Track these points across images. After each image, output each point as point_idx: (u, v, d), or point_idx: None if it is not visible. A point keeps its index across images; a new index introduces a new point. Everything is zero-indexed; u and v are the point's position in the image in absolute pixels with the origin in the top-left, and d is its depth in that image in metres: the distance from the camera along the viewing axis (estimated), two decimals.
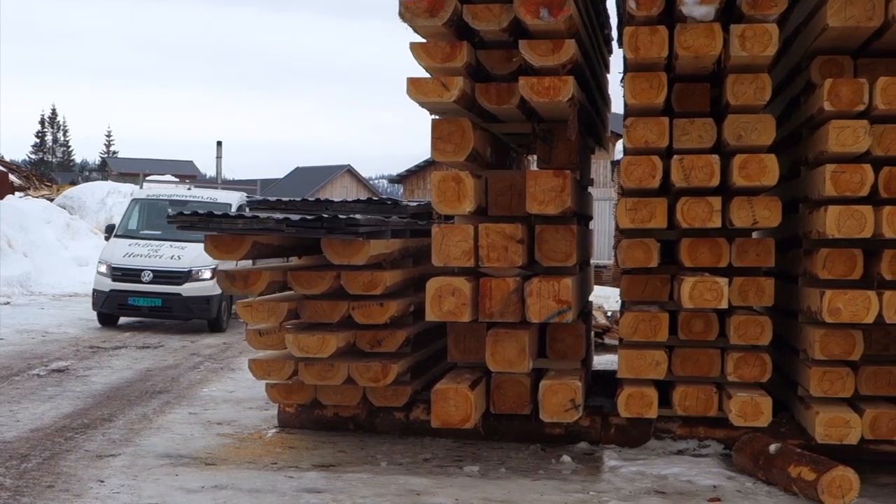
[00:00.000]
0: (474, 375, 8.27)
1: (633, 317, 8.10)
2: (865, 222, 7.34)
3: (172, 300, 17.10)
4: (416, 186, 46.50)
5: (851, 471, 6.82)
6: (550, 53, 7.59)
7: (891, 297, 7.33)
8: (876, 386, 7.91)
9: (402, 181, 49.50)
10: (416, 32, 7.90)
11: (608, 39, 11.50)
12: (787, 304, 8.70)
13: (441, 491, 7.07)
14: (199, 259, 16.25)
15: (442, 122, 7.86)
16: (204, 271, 16.92)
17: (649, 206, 7.92)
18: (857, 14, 7.44)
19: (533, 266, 8.23)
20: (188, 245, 16.88)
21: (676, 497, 7.01)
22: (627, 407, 8.12)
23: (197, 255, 15.98)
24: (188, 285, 17.07)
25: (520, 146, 10.22)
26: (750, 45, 7.48)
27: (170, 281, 17.06)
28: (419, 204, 10.15)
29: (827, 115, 7.48)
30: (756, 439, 7.73)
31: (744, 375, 8.07)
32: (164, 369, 12.75)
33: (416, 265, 9.44)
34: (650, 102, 7.81)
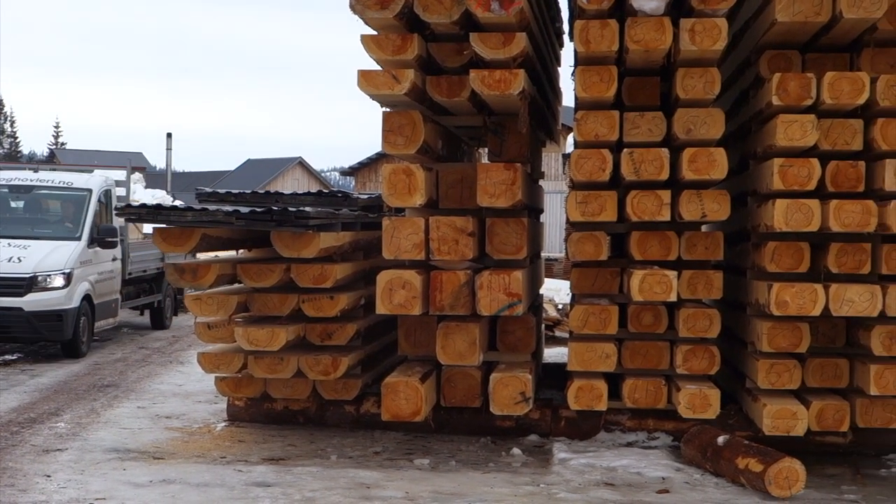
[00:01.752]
0: (425, 368, 8.27)
1: (583, 310, 8.12)
2: (812, 216, 7.40)
3: (10, 317, 12.48)
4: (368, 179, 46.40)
5: (798, 462, 6.88)
6: (501, 46, 7.59)
7: (837, 289, 7.40)
8: (822, 378, 7.99)
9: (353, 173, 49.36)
10: (368, 24, 7.87)
11: (559, 33, 11.52)
12: (736, 296, 8.77)
13: (391, 484, 7.05)
14: (47, 261, 12.78)
15: (393, 114, 7.84)
16: (54, 277, 12.75)
17: (599, 199, 7.95)
18: (805, 9, 7.50)
19: (484, 259, 8.23)
20: (33, 244, 13.05)
21: (625, 489, 7.03)
22: (577, 399, 8.15)
23: (44, 257, 12.78)
24: (32, 297, 12.52)
25: (471, 139, 10.21)
26: (699, 40, 7.52)
27: (6, 291, 12.47)
28: (370, 196, 10.12)
29: (775, 109, 7.54)
30: (704, 431, 7.78)
31: (693, 368, 8.13)
32: (113, 363, 12.65)
33: (366, 258, 9.41)
34: (600, 96, 7.83)
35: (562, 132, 12.66)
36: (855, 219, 7.37)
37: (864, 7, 7.31)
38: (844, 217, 7.36)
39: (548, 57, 10.37)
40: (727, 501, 6.79)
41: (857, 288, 7.41)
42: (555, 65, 11.47)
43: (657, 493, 6.97)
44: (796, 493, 6.85)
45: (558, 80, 11.92)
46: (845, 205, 7.37)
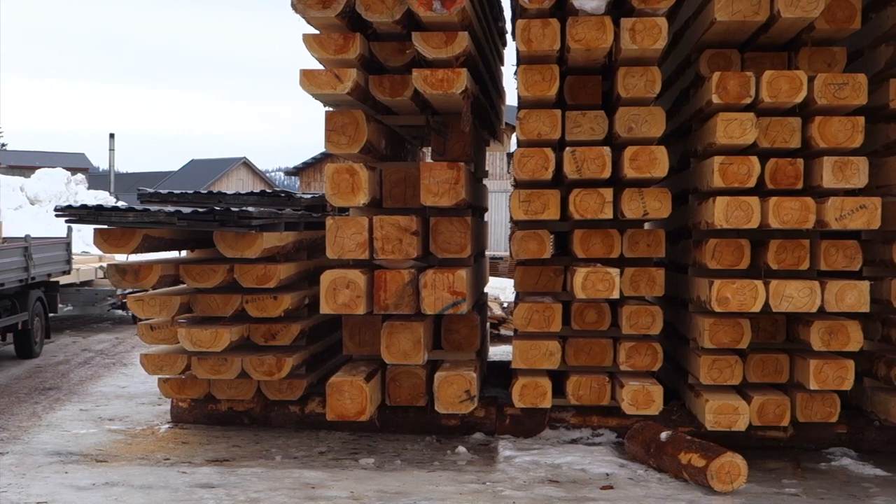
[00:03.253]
0: (370, 368, 8.27)
1: (527, 308, 8.16)
2: (752, 213, 7.48)
3: None
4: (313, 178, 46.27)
5: (739, 457, 6.95)
6: (444, 45, 7.60)
7: (777, 286, 7.49)
8: (763, 373, 8.08)
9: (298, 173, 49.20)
10: (310, 24, 7.85)
11: (502, 32, 11.56)
12: (678, 293, 8.84)
13: (336, 484, 7.04)
14: None
15: (336, 113, 7.83)
16: None
17: (542, 197, 7.98)
18: (744, 9, 7.58)
19: (428, 258, 8.24)
20: None
21: (570, 485, 7.07)
22: (522, 397, 8.18)
23: None
24: None
25: (414, 138, 10.22)
26: (640, 39, 7.57)
27: None
28: (313, 196, 10.09)
29: (715, 107, 7.61)
30: (648, 427, 7.84)
31: (635, 364, 8.19)
32: (55, 365, 12.52)
33: (310, 258, 9.39)
34: (543, 95, 7.86)
35: (505, 131, 12.70)
36: (794, 216, 7.46)
37: (802, 7, 7.40)
38: (783, 214, 7.45)
39: (491, 56, 10.39)
40: (670, 496, 6.84)
41: (796, 284, 7.50)
42: (498, 64, 11.50)
43: (601, 489, 7.01)
44: (738, 488, 6.92)
45: (501, 80, 11.96)
46: (784, 202, 7.46)
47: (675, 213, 8.20)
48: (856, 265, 7.76)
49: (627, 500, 6.74)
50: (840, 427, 8.26)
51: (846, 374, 7.67)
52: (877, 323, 8.04)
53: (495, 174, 35.73)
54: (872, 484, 7.30)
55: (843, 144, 7.49)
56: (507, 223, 8.56)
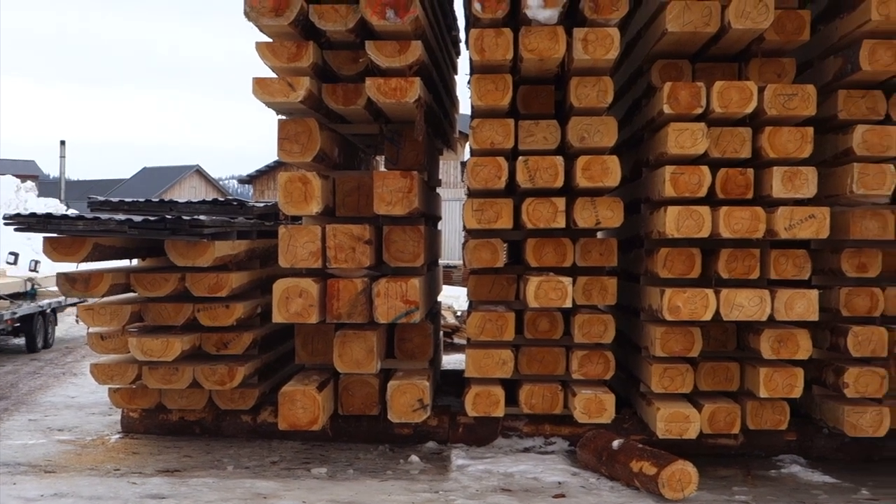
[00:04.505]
0: (322, 377, 8.24)
1: (480, 316, 8.17)
2: (703, 222, 7.54)
3: None
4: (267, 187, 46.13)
5: (690, 464, 6.99)
6: (397, 54, 7.61)
7: (727, 294, 7.55)
8: (714, 381, 8.14)
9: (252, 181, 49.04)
10: (263, 32, 7.83)
11: (455, 41, 11.59)
12: (630, 302, 8.89)
13: (288, 494, 7.01)
14: None
15: (288, 122, 7.81)
16: None
17: (495, 206, 8.00)
18: (695, 20, 7.64)
19: (381, 267, 8.24)
20: None
21: (522, 494, 7.08)
22: (475, 406, 8.19)
23: None
24: None
25: (368, 147, 10.21)
26: (592, 49, 7.61)
27: None
28: (266, 205, 10.06)
29: (666, 117, 7.66)
30: (600, 436, 7.87)
31: (588, 373, 8.22)
32: (3, 375, 12.38)
33: (263, 267, 9.36)
34: (496, 104, 7.88)
35: (459, 140, 12.73)
36: (744, 225, 7.52)
37: (752, 18, 7.47)
38: (734, 223, 7.52)
39: (444, 65, 10.41)
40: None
41: (746, 293, 7.57)
42: (451, 73, 11.52)
43: (553, 497, 7.02)
44: (689, 495, 6.96)
45: (455, 89, 11.98)
46: (735, 211, 7.52)
47: (627, 223, 8.25)
48: (805, 274, 7.84)
49: None
50: (790, 434, 8.34)
51: (795, 381, 7.74)
52: (825, 331, 8.12)
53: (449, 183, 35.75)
54: (821, 491, 7.37)
55: (793, 154, 7.56)
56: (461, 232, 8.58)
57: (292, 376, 8.41)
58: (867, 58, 7.52)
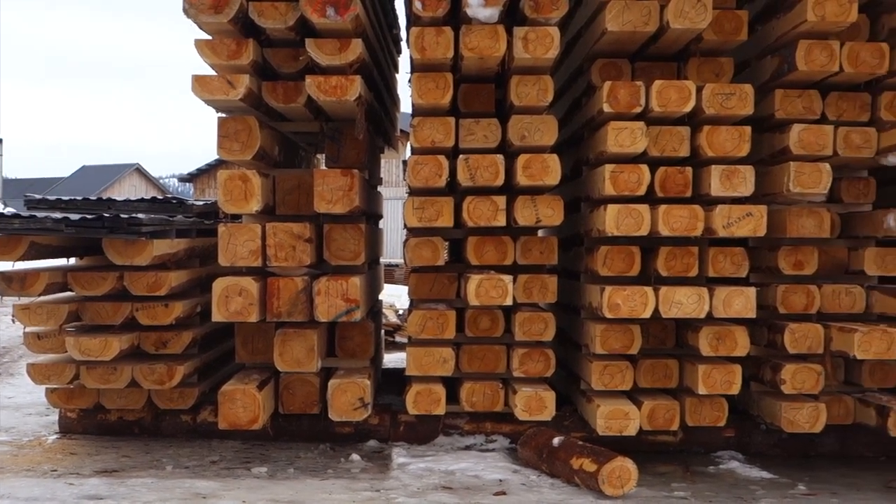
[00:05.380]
0: (262, 376, 8.20)
1: (421, 315, 8.17)
2: (643, 220, 7.59)
3: None
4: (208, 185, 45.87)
5: (630, 461, 7.04)
6: (337, 52, 7.59)
7: (666, 292, 7.61)
8: (653, 378, 8.20)
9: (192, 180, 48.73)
10: (202, 29, 7.77)
11: (397, 39, 11.58)
12: (571, 300, 8.93)
13: (228, 493, 6.97)
14: None
15: (228, 120, 7.77)
16: None
17: (436, 205, 8.00)
18: (634, 19, 7.69)
19: (322, 265, 8.22)
20: None
21: (463, 492, 7.09)
22: (416, 404, 8.19)
23: None
24: None
25: (309, 145, 10.18)
26: (532, 48, 7.64)
27: None
28: (206, 203, 9.99)
29: (606, 116, 7.71)
30: (540, 433, 7.90)
31: (529, 371, 8.25)
32: None
33: (203, 265, 9.29)
34: (436, 102, 7.89)
35: (400, 138, 12.72)
36: (683, 223, 7.58)
37: (690, 18, 7.53)
38: (673, 221, 7.57)
39: (385, 63, 10.40)
40: (562, 501, 6.90)
41: (685, 290, 7.63)
42: (393, 71, 11.51)
43: (494, 495, 7.04)
44: (628, 492, 7.01)
45: (396, 87, 11.97)
46: (674, 209, 7.58)
47: (567, 221, 8.29)
48: (743, 272, 7.93)
49: None
50: (728, 431, 8.43)
51: (734, 378, 7.82)
52: (763, 328, 8.22)
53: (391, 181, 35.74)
54: (759, 486, 7.45)
55: (731, 153, 7.64)
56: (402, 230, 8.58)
57: (232, 375, 8.36)
58: (803, 58, 7.61)
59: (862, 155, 7.83)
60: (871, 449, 8.46)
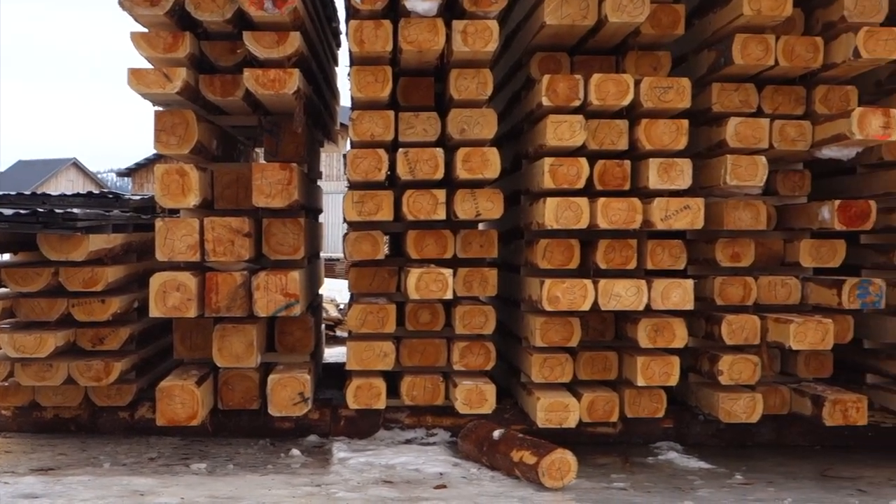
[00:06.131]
0: (201, 371, 8.14)
1: (361, 309, 8.15)
2: (581, 213, 7.62)
3: None
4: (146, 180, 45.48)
5: (570, 453, 7.07)
6: (275, 45, 7.55)
7: (605, 285, 7.64)
8: (593, 371, 8.24)
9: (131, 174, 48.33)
10: (138, 22, 7.71)
11: (336, 32, 11.53)
12: (511, 293, 8.96)
13: (166, 490, 6.91)
14: None
15: (165, 113, 7.70)
16: None
17: (376, 198, 7.98)
18: (573, 13, 7.71)
19: (261, 260, 8.16)
20: None
21: (404, 486, 7.09)
22: (356, 398, 8.17)
23: None
24: None
25: (247, 139, 10.11)
26: (472, 41, 7.64)
27: None
28: (143, 198, 9.89)
29: (545, 109, 7.73)
30: (481, 426, 7.91)
31: (469, 364, 8.26)
32: None
33: (140, 260, 9.19)
34: (375, 96, 7.87)
35: (340, 132, 12.68)
36: (621, 216, 7.62)
37: (628, 11, 7.57)
38: (611, 214, 7.61)
39: (324, 56, 10.35)
40: (503, 494, 6.92)
41: (623, 283, 7.67)
42: (332, 64, 11.47)
43: (435, 488, 7.04)
44: (568, 483, 7.04)
45: (335, 80, 11.92)
46: (612, 203, 7.62)
47: (507, 214, 8.30)
48: (681, 264, 7.99)
49: (460, 498, 6.79)
50: (667, 422, 8.49)
51: (672, 370, 7.88)
52: (701, 320, 8.28)
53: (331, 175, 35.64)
54: (697, 477, 7.51)
55: (668, 146, 7.69)
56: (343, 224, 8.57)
57: (171, 371, 8.29)
58: (739, 52, 7.68)
59: (797, 148, 7.91)
60: (807, 438, 8.57)
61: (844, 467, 7.87)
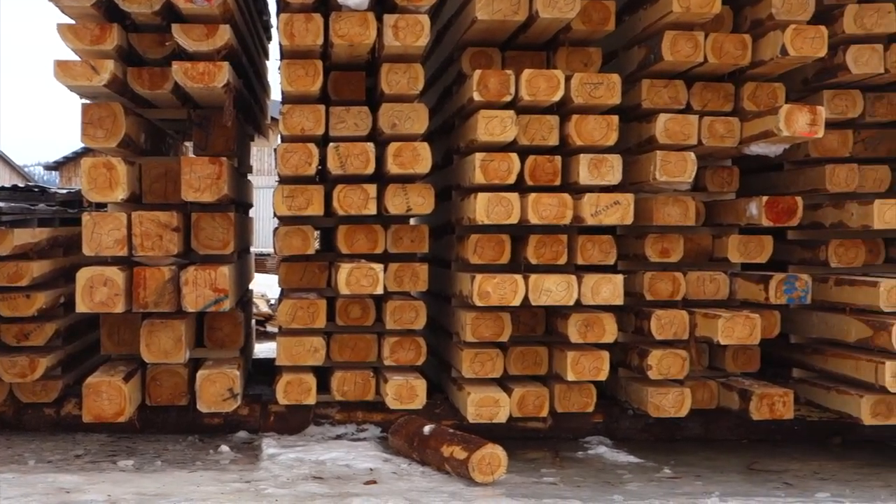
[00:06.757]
0: (129, 367, 8.05)
1: (292, 304, 8.11)
2: (512, 209, 7.63)
3: None
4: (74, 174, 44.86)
5: (500, 448, 7.08)
6: (205, 38, 7.48)
7: (536, 280, 7.66)
8: (523, 366, 8.27)
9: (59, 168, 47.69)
10: (64, 13, 7.60)
11: (267, 26, 11.47)
12: (442, 288, 8.95)
13: (92, 488, 6.82)
14: None
15: (92, 106, 7.60)
16: None
17: (306, 193, 7.94)
18: (504, 8, 7.72)
19: (190, 255, 8.09)
20: None
21: (334, 482, 7.06)
22: (286, 394, 8.12)
23: None
24: None
25: (176, 132, 10.01)
26: (403, 36, 7.62)
27: None
28: (70, 192, 9.77)
29: (476, 105, 7.73)
30: (411, 421, 7.90)
31: (400, 359, 8.24)
32: None
33: (66, 255, 9.06)
34: (306, 90, 7.82)
35: (271, 126, 12.58)
36: (552, 211, 7.65)
37: (559, 7, 7.59)
38: (542, 210, 7.63)
39: (255, 50, 10.28)
40: (433, 489, 6.91)
41: (554, 278, 7.70)
42: (262, 58, 11.39)
43: (365, 484, 7.02)
44: (498, 478, 7.05)
45: (266, 74, 11.85)
46: (543, 198, 7.64)
47: (439, 209, 8.30)
48: (611, 259, 8.04)
49: (391, 494, 6.77)
50: (596, 416, 8.54)
51: (602, 364, 7.92)
52: (630, 315, 8.34)
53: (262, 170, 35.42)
54: (626, 471, 7.57)
55: (599, 142, 7.72)
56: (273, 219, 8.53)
57: (98, 367, 8.19)
58: (669, 48, 7.74)
59: (725, 144, 7.98)
60: (734, 432, 8.66)
61: (771, 460, 7.97)
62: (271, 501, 6.60)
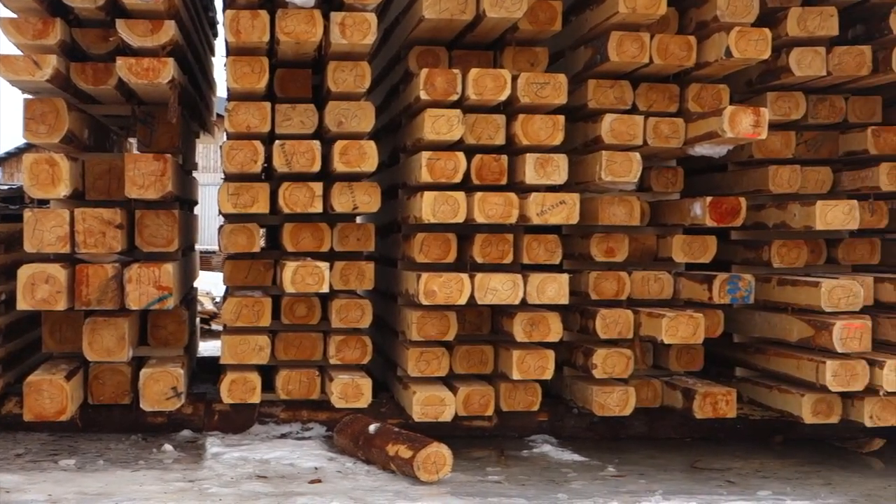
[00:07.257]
0: (71, 365, 7.97)
1: (236, 302, 8.06)
2: (459, 208, 7.63)
3: None
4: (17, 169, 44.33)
5: (445, 447, 7.08)
6: (149, 34, 7.42)
7: (482, 279, 7.67)
8: (469, 364, 8.28)
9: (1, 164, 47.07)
10: (6, 6, 7.53)
11: (213, 22, 11.41)
12: (388, 287, 8.94)
13: (33, 487, 6.74)
14: None
15: (34, 101, 7.51)
16: None
17: (252, 191, 7.90)
18: (451, 7, 7.72)
19: (133, 252, 8.02)
20: None
21: (278, 481, 7.03)
22: (230, 393, 8.08)
23: None
24: None
25: (121, 129, 9.92)
26: (349, 34, 7.60)
27: None
28: (11, 188, 9.66)
29: (423, 103, 7.72)
30: (357, 420, 7.89)
31: (345, 358, 8.22)
32: None
33: (7, 252, 8.94)
34: (252, 87, 7.78)
35: (216, 123, 12.52)
36: (498, 210, 7.66)
37: (506, 7, 7.61)
38: (488, 209, 7.64)
39: (201, 46, 10.22)
40: (378, 488, 6.90)
41: (500, 277, 7.71)
42: (208, 54, 11.34)
43: (309, 483, 7.00)
44: (444, 477, 7.05)
45: (212, 71, 11.78)
46: (489, 197, 7.65)
47: (385, 208, 8.29)
48: (556, 258, 8.06)
49: (335, 493, 6.75)
50: (542, 415, 8.56)
51: (547, 363, 7.94)
52: (576, 314, 8.38)
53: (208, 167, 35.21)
54: (571, 469, 7.60)
55: (545, 142, 7.75)
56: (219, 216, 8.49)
57: (39, 365, 8.10)
58: (615, 49, 7.77)
59: (670, 145, 8.03)
60: (678, 431, 8.72)
61: (714, 459, 8.03)
62: (215, 501, 6.56)
